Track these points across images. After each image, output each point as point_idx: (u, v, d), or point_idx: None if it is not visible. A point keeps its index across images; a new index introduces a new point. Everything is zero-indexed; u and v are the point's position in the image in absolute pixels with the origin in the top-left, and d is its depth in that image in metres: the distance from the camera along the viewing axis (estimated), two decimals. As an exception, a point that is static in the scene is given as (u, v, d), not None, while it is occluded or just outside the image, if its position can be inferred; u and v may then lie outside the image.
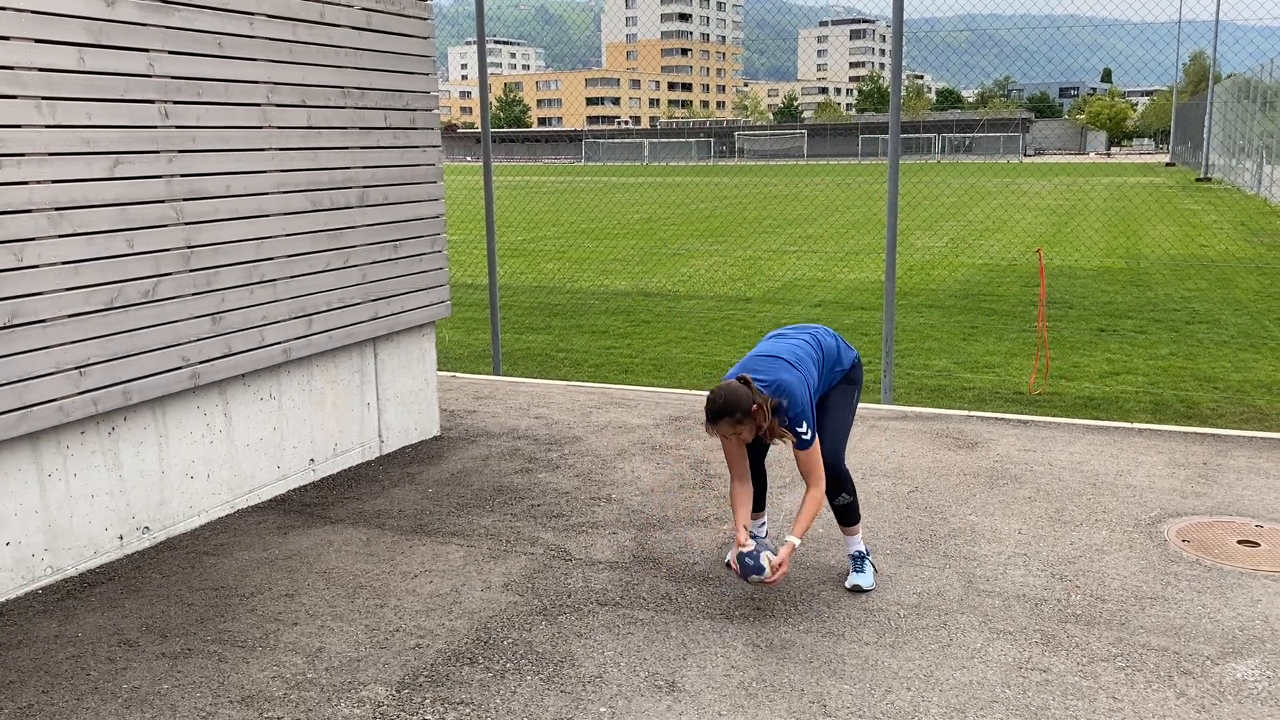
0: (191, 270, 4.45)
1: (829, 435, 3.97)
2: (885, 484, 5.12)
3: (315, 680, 3.34)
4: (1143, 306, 10.80)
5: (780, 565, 3.69)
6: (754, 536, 3.89)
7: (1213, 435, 5.91)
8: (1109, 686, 3.23)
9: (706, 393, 7.07)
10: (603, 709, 3.15)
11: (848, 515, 4.03)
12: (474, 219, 23.92)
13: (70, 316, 3.98)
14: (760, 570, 3.67)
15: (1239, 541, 4.34)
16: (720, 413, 3.69)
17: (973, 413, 6.49)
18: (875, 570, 4.10)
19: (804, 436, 3.76)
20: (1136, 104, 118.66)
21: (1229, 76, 39.85)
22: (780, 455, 5.43)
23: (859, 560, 4.04)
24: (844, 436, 4.03)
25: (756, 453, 4.12)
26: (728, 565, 4.10)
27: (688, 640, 3.58)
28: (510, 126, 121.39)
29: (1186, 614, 3.71)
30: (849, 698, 3.19)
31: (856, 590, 3.94)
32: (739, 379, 3.72)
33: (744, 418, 3.67)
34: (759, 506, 4.28)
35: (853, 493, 4.01)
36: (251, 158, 4.69)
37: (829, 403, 4.03)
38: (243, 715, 3.15)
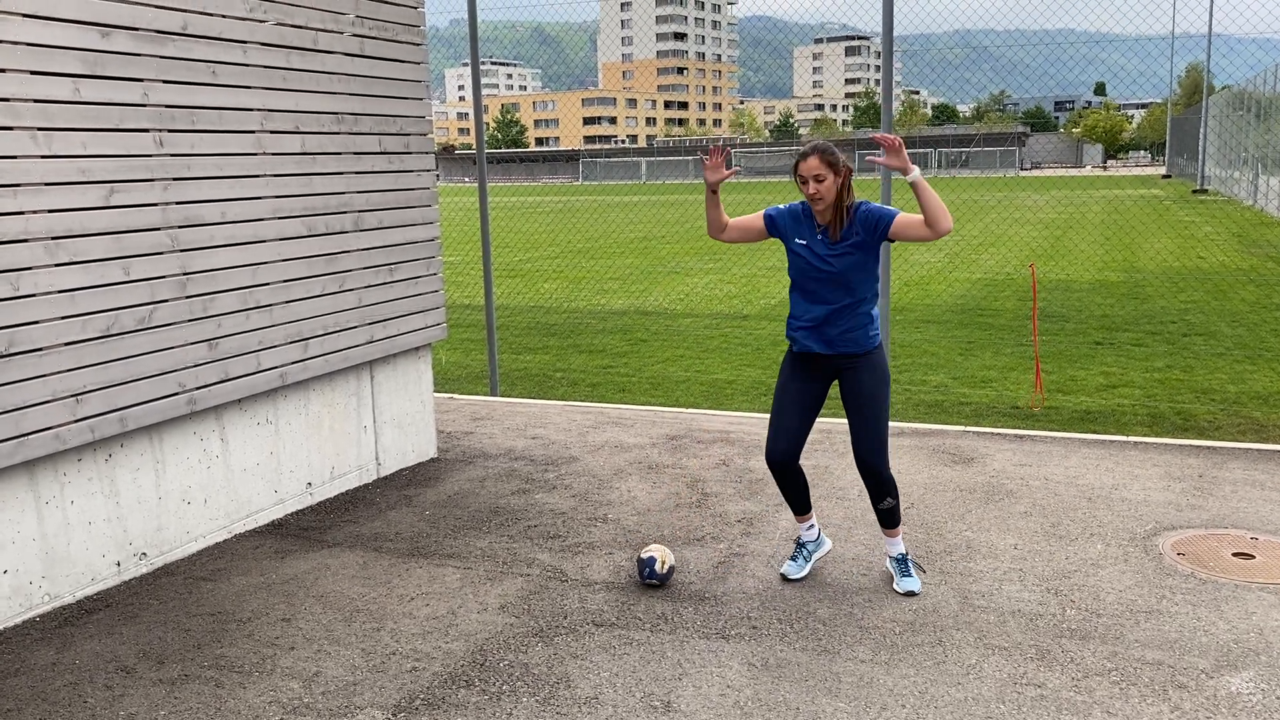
0: (187, 297, 4.48)
1: (868, 435, 3.93)
2: (881, 500, 5.12)
3: (312, 705, 3.34)
4: (1139, 319, 10.83)
5: (898, 146, 3.76)
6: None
7: (1209, 447, 5.92)
8: (1104, 701, 3.23)
9: (703, 411, 7.09)
10: (599, 730, 3.16)
11: (891, 518, 4.09)
12: (471, 239, 23.99)
13: (66, 344, 4.01)
14: (650, 565, 4.03)
15: (1234, 554, 4.35)
16: (819, 148, 3.79)
17: (969, 428, 6.50)
18: (922, 570, 4.23)
19: (890, 212, 3.80)
20: (1132, 117, 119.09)
21: (1224, 88, 40.04)
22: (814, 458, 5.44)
23: (903, 564, 4.11)
24: (884, 437, 3.96)
25: (799, 424, 4.03)
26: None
27: (683, 660, 3.58)
28: (508, 147, 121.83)
29: (1181, 627, 3.72)
30: (845, 716, 3.20)
31: (910, 595, 4.02)
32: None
33: (834, 163, 3.77)
34: (805, 508, 4.23)
35: (896, 496, 4.06)
36: (246, 184, 4.72)
37: (861, 394, 3.95)
38: (239, 741, 3.15)
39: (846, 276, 3.89)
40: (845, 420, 6.67)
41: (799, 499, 4.20)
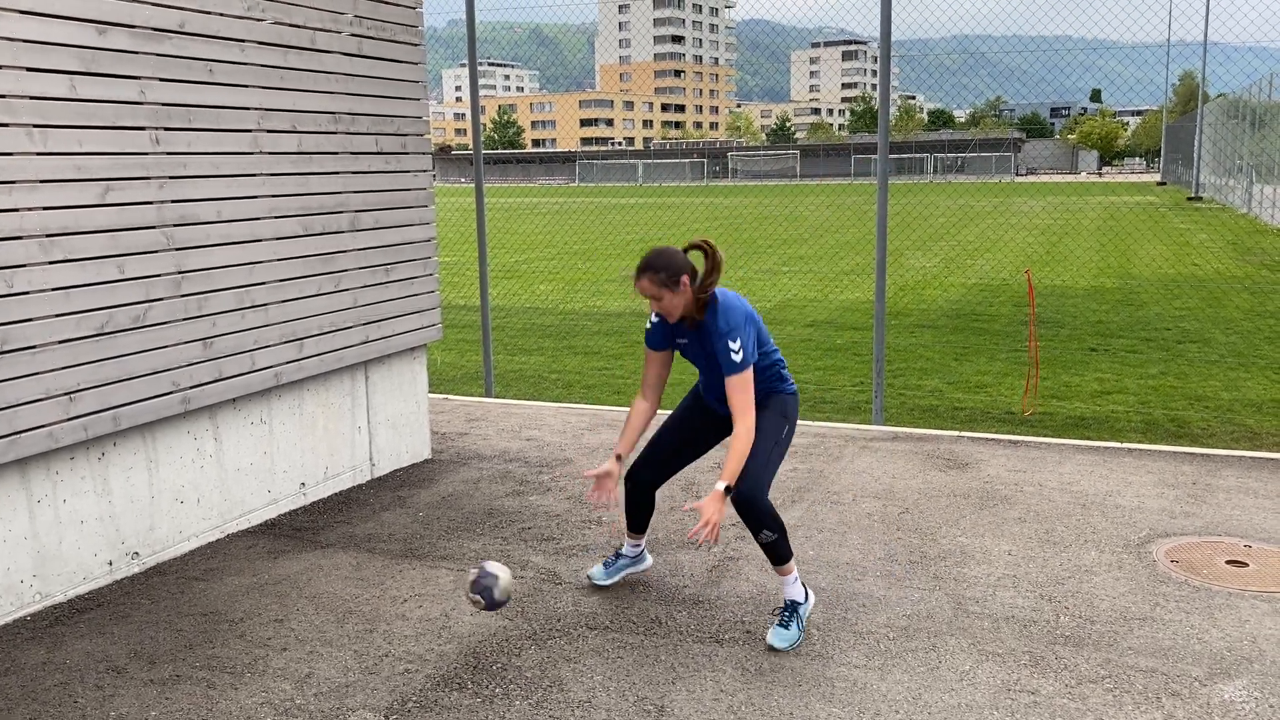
0: (182, 295, 4.47)
1: (752, 461, 3.59)
2: (876, 505, 5.12)
3: (304, 706, 3.33)
4: (1134, 326, 10.85)
5: (708, 522, 3.38)
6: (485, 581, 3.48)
7: (1203, 455, 5.93)
8: (1097, 708, 3.23)
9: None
10: (591, 734, 3.15)
11: (776, 553, 3.66)
12: (467, 240, 23.97)
13: (61, 342, 3.99)
14: (488, 593, 3.44)
15: (1228, 562, 4.36)
16: (646, 266, 3.49)
17: (963, 433, 6.50)
18: (801, 629, 3.66)
19: (734, 356, 3.46)
20: (1127, 124, 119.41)
21: (1218, 96, 40.17)
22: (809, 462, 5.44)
23: (788, 611, 3.66)
24: (762, 469, 3.62)
25: (672, 457, 3.93)
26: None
27: (677, 664, 3.57)
28: (505, 148, 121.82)
29: (1175, 635, 3.72)
30: (838, 721, 3.19)
31: (770, 650, 3.57)
32: (686, 249, 3.55)
33: (670, 280, 3.46)
34: (640, 530, 4.12)
35: (776, 528, 3.60)
36: (242, 183, 4.71)
37: (757, 423, 3.69)
38: (230, 742, 3.14)
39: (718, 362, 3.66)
40: (835, 425, 6.68)
41: (639, 520, 4.10)
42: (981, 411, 7.32)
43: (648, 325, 3.80)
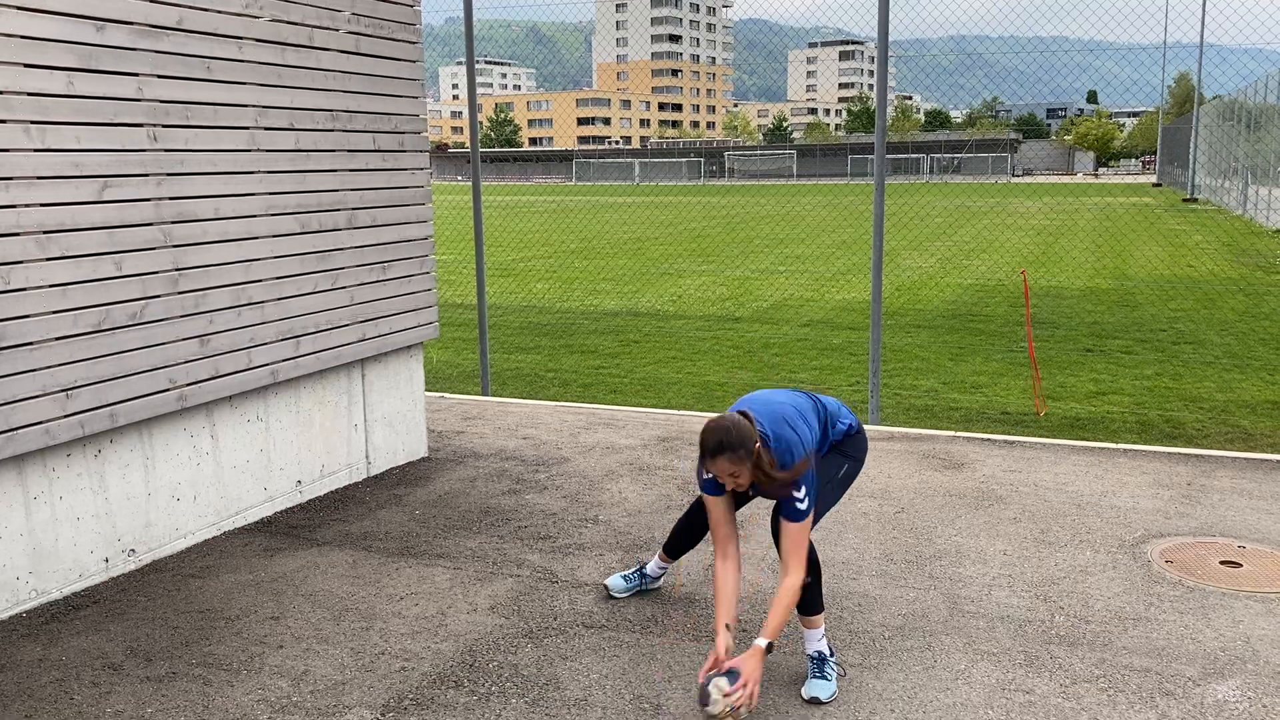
0: (180, 293, 4.47)
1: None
2: (872, 504, 5.14)
3: (300, 704, 3.34)
4: (1129, 327, 10.87)
5: (746, 683, 3.05)
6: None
7: (1197, 456, 5.95)
8: (1091, 708, 3.25)
9: (694, 413, 7.09)
10: (588, 732, 3.16)
11: (807, 603, 3.39)
12: (464, 238, 23.96)
13: (57, 339, 3.99)
14: (707, 700, 3.05)
15: (1222, 562, 4.37)
16: (721, 447, 3.14)
17: (959, 433, 6.52)
18: (842, 674, 3.46)
19: (799, 504, 3.23)
20: (1123, 125, 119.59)
21: (1214, 98, 40.24)
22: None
23: (819, 664, 3.38)
24: (820, 509, 3.47)
25: (741, 499, 3.60)
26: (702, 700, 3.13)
27: (673, 663, 3.58)
28: (501, 146, 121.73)
29: (1169, 635, 3.73)
30: (832, 719, 3.20)
31: (815, 702, 3.30)
32: (739, 414, 3.23)
33: (746, 456, 3.14)
34: (677, 555, 3.97)
35: (815, 573, 3.37)
36: (240, 180, 4.71)
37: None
38: (227, 739, 3.14)
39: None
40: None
41: (680, 550, 3.96)
42: (977, 412, 7.34)
43: (705, 476, 3.37)
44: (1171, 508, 5.05)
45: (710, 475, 3.34)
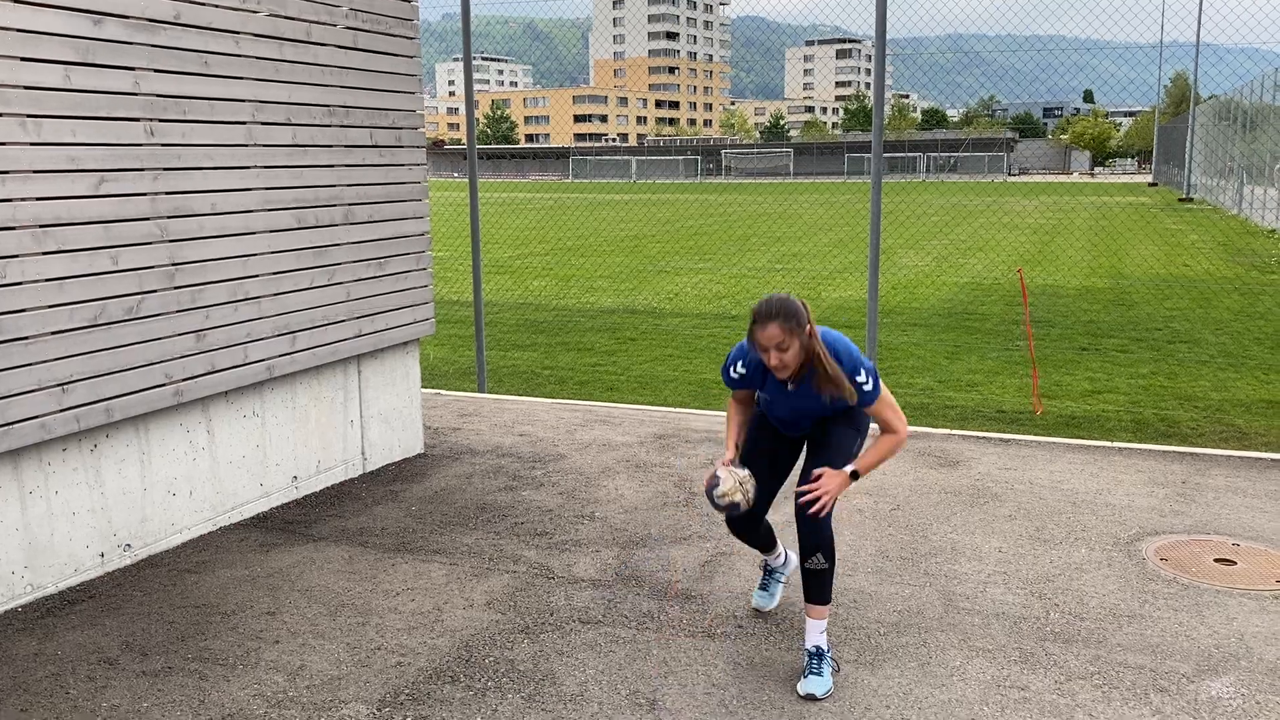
0: (176, 287, 4.46)
1: (821, 468, 3.39)
2: (867, 501, 5.14)
3: (296, 699, 3.34)
4: (1125, 325, 10.89)
5: (824, 483, 3.23)
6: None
7: (1192, 454, 5.96)
8: (1086, 704, 3.26)
9: (691, 410, 7.10)
10: (583, 727, 3.16)
11: (818, 587, 3.40)
12: (460, 235, 23.94)
13: (53, 333, 3.98)
14: (717, 483, 3.32)
15: (1216, 560, 4.39)
16: (774, 313, 3.16)
17: (955, 431, 6.53)
18: (836, 669, 3.46)
19: (865, 386, 3.27)
20: (1119, 124, 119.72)
21: (1210, 98, 40.30)
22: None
23: (818, 659, 3.37)
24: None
25: (768, 487, 3.61)
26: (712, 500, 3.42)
27: (669, 658, 3.59)
28: (498, 143, 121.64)
29: (1163, 632, 3.74)
30: (829, 716, 3.21)
31: (810, 698, 3.29)
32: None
33: (798, 329, 3.16)
34: (770, 549, 3.84)
35: (829, 557, 3.37)
36: (237, 175, 4.70)
37: (828, 442, 3.47)
38: (222, 734, 3.14)
39: (822, 409, 3.45)
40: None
41: (764, 544, 3.81)
42: (973, 410, 7.35)
43: (734, 373, 3.48)
44: (1166, 506, 5.07)
45: (743, 371, 3.45)
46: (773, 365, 3.25)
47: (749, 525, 3.66)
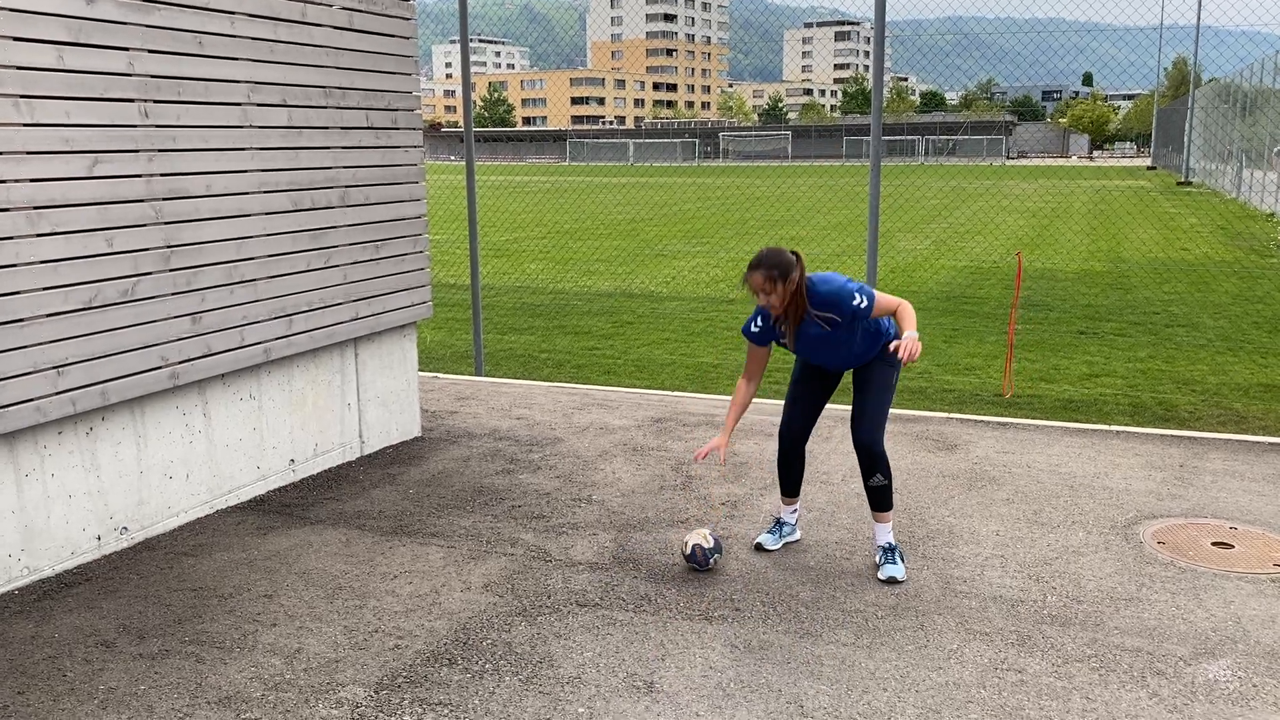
0: (171, 270, 4.44)
1: (868, 412, 4.04)
2: (865, 485, 5.14)
3: (293, 681, 3.34)
4: (1123, 309, 10.88)
5: (912, 342, 3.76)
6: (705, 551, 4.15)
7: (1189, 438, 5.96)
8: (1083, 687, 3.26)
9: (688, 394, 7.09)
10: (581, 710, 3.16)
11: (881, 499, 4.10)
12: (457, 218, 23.87)
13: (48, 316, 3.96)
14: (710, 557, 4.12)
15: (1213, 543, 4.39)
16: (759, 263, 3.81)
17: (952, 415, 6.52)
18: (904, 560, 4.20)
19: (861, 305, 3.84)
20: (1119, 108, 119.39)
21: (1210, 81, 40.17)
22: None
23: (890, 553, 4.11)
24: (883, 417, 4.07)
25: (812, 409, 4.23)
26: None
27: (666, 641, 3.59)
28: (495, 126, 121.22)
29: (1160, 615, 3.75)
30: (826, 698, 3.21)
31: (892, 581, 4.01)
32: (792, 252, 3.85)
33: (779, 277, 3.80)
34: (794, 491, 4.38)
35: (888, 475, 4.07)
36: (232, 157, 4.68)
37: (870, 378, 4.08)
38: (220, 716, 3.14)
39: (839, 344, 4.03)
40: (826, 406, 6.69)
41: (793, 481, 4.36)
42: (970, 393, 7.34)
43: (754, 327, 4.08)
44: (1164, 489, 5.07)
45: (761, 325, 4.04)
46: (764, 304, 3.92)
47: (796, 449, 4.29)
